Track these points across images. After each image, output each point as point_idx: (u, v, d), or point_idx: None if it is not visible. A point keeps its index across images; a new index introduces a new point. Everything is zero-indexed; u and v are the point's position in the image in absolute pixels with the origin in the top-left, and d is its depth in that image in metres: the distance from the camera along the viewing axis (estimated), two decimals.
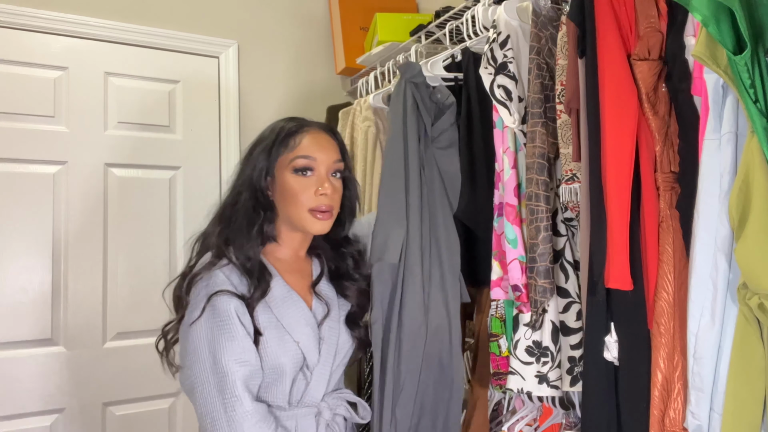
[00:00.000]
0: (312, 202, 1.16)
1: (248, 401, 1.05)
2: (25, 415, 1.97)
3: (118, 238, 2.15)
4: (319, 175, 1.18)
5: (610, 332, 1.23)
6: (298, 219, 1.17)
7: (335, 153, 1.21)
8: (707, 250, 1.01)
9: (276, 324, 1.13)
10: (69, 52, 2.13)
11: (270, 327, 1.12)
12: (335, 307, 1.23)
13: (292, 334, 1.13)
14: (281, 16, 2.55)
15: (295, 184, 1.17)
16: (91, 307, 2.09)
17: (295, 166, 1.17)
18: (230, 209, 1.19)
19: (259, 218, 1.17)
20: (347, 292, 1.27)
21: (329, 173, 1.19)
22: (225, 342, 1.07)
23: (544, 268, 1.34)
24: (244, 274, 1.13)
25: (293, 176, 1.17)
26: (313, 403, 1.17)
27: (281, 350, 1.11)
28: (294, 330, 1.14)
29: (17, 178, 2.02)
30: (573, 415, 1.51)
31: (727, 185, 0.98)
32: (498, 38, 1.48)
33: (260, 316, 1.12)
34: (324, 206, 1.16)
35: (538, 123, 1.37)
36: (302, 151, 1.18)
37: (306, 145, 1.18)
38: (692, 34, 1.10)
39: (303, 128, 1.21)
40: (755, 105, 0.92)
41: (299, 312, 1.17)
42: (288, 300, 1.17)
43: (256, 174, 1.18)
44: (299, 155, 1.17)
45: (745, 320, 0.96)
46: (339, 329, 1.21)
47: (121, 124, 2.20)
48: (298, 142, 1.19)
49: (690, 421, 1.04)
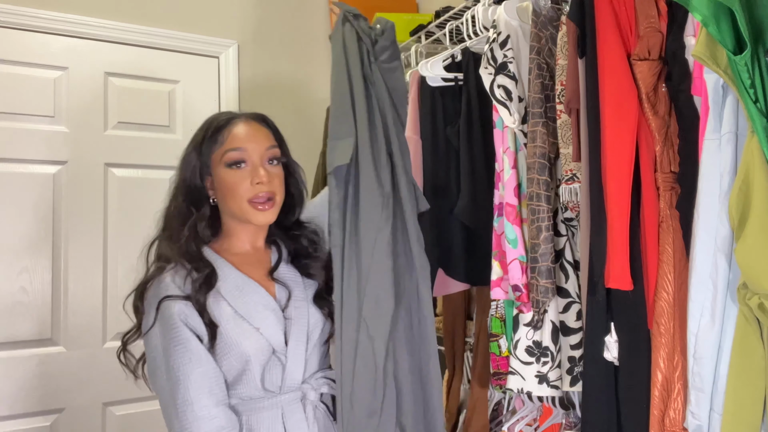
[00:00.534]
0: (249, 193, 1.15)
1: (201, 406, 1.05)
2: (25, 415, 1.97)
3: (118, 238, 2.15)
4: (253, 165, 1.17)
5: (610, 332, 1.23)
6: (240, 212, 1.17)
7: (267, 140, 1.20)
8: (707, 250, 1.01)
9: (233, 314, 1.13)
10: (69, 52, 2.13)
11: (227, 318, 1.12)
12: (299, 288, 1.22)
13: (252, 321, 1.13)
14: (281, 16, 2.55)
15: (230, 178, 1.16)
16: (91, 307, 2.09)
17: (226, 160, 1.16)
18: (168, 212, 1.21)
19: (191, 215, 1.18)
20: (311, 271, 1.26)
21: (264, 161, 1.18)
22: (173, 347, 1.08)
23: (546, 268, 1.34)
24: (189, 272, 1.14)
25: (227, 170, 1.17)
26: (294, 387, 1.17)
27: (242, 338, 1.11)
28: (253, 317, 1.14)
29: (17, 178, 2.02)
30: (573, 415, 1.51)
31: (727, 185, 0.98)
32: (498, 38, 1.48)
33: (215, 309, 1.12)
34: (262, 195, 1.16)
35: (539, 123, 1.37)
36: (232, 144, 1.17)
37: (235, 137, 1.18)
38: (692, 34, 1.10)
39: (231, 121, 1.20)
40: (755, 105, 0.92)
41: (257, 298, 1.17)
42: (244, 289, 1.16)
43: (189, 174, 1.19)
44: (229, 148, 1.17)
45: (745, 320, 0.96)
46: (307, 308, 1.21)
47: (121, 124, 2.20)
48: (227, 136, 1.18)
49: (690, 421, 1.04)
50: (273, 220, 1.20)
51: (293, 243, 1.28)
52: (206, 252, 1.19)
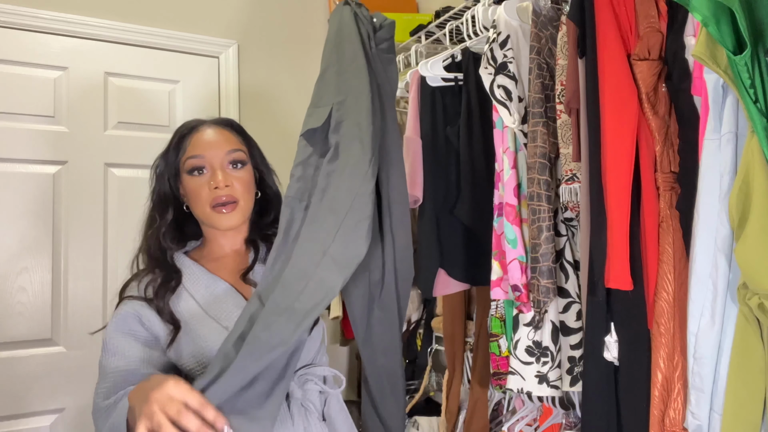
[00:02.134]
0: (210, 198, 1.17)
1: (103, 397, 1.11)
2: (25, 415, 1.97)
3: (118, 238, 2.15)
4: (213, 170, 1.18)
5: (610, 332, 1.23)
6: (205, 218, 1.19)
7: (228, 144, 1.21)
8: (707, 250, 1.01)
9: (203, 315, 1.15)
10: (69, 52, 2.13)
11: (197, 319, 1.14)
12: None
13: (220, 321, 1.14)
14: (281, 16, 2.55)
15: (192, 185, 1.18)
16: (91, 307, 2.09)
17: (187, 167, 1.19)
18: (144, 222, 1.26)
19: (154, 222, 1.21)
20: None
21: (225, 165, 1.19)
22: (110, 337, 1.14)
23: (546, 268, 1.34)
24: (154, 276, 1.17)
25: (189, 177, 1.19)
26: None
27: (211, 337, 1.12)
28: (222, 318, 1.15)
29: (17, 178, 2.02)
30: (573, 415, 1.51)
31: (727, 185, 0.98)
32: (498, 38, 1.48)
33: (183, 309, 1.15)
34: (222, 198, 1.16)
35: (539, 123, 1.37)
36: (192, 151, 1.19)
37: (195, 144, 1.19)
38: (692, 34, 1.10)
39: (194, 128, 1.22)
40: (755, 105, 0.92)
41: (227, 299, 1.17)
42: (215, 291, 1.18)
43: (158, 182, 1.22)
44: (189, 156, 1.19)
45: (745, 320, 0.96)
46: None
47: (121, 124, 2.20)
48: (188, 143, 1.20)
49: (690, 421, 1.04)
50: (237, 223, 1.20)
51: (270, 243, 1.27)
52: (179, 258, 1.21)
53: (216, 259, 1.24)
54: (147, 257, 1.20)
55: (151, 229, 1.21)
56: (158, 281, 1.16)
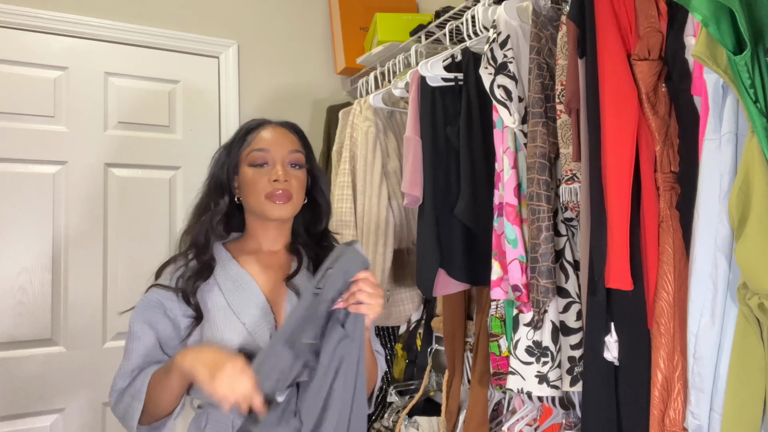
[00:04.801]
0: (267, 188, 1.22)
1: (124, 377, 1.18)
2: (25, 415, 1.97)
3: (118, 238, 2.15)
4: (273, 165, 1.24)
5: (610, 332, 1.23)
6: (258, 207, 1.23)
7: (291, 144, 1.27)
8: (707, 250, 1.01)
9: (225, 306, 1.20)
10: (69, 52, 2.13)
11: (219, 308, 1.20)
12: None
13: (240, 316, 1.19)
14: (281, 16, 2.55)
15: (252, 175, 1.24)
16: (91, 307, 2.09)
17: (251, 159, 1.24)
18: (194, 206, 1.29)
19: (208, 210, 1.25)
20: None
21: (285, 163, 1.25)
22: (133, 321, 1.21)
23: (546, 268, 1.34)
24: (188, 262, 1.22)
25: (250, 169, 1.24)
26: None
27: (227, 330, 1.17)
28: (242, 312, 1.19)
29: (17, 178, 2.02)
30: (573, 415, 1.51)
31: (727, 185, 0.98)
32: (498, 38, 1.48)
33: (209, 300, 1.20)
34: (279, 191, 1.21)
35: (539, 123, 1.37)
36: (257, 145, 1.25)
37: (261, 139, 1.26)
38: (692, 34, 1.10)
39: (261, 125, 1.29)
40: (755, 105, 0.92)
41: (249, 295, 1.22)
42: (240, 284, 1.23)
43: (218, 170, 1.27)
44: (254, 149, 1.25)
45: (745, 320, 0.96)
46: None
47: (121, 124, 2.20)
48: (254, 138, 1.26)
49: (690, 421, 1.04)
50: (287, 215, 1.24)
51: (317, 252, 1.31)
52: (217, 248, 1.26)
53: (250, 254, 1.27)
54: (192, 241, 1.24)
55: (205, 214, 1.25)
56: (194, 269, 1.21)
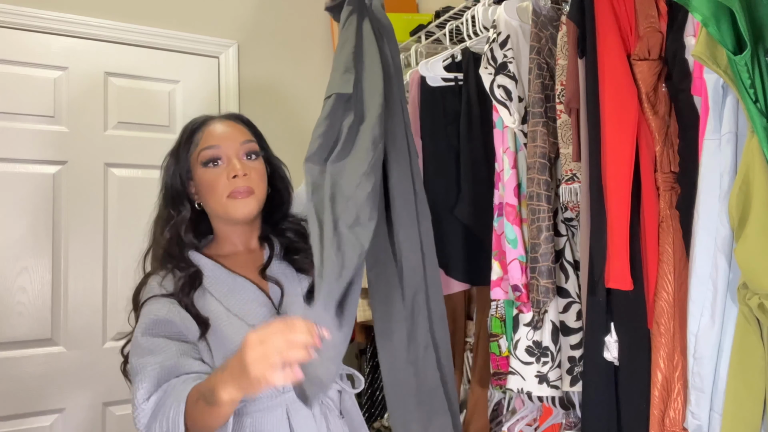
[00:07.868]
0: (228, 188, 1.16)
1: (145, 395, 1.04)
2: (25, 415, 1.96)
3: (118, 238, 2.15)
4: (229, 161, 1.18)
5: (610, 332, 1.23)
6: (222, 209, 1.17)
7: (241, 135, 1.21)
8: (707, 250, 1.01)
9: (226, 313, 1.13)
10: (69, 52, 2.12)
11: (219, 317, 1.13)
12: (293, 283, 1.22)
13: (246, 319, 1.13)
14: (281, 16, 2.55)
15: (208, 176, 1.17)
16: (91, 307, 2.09)
17: (202, 159, 1.18)
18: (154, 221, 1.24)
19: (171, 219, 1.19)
20: (303, 265, 1.25)
21: (240, 156, 1.19)
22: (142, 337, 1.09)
23: (546, 268, 1.34)
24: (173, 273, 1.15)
25: (204, 170, 1.18)
26: None
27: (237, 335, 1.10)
28: (246, 314, 1.14)
29: (17, 178, 2.02)
30: (573, 415, 1.51)
31: (727, 185, 0.98)
32: (498, 38, 1.48)
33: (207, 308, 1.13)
34: (241, 188, 1.16)
35: (539, 123, 1.37)
36: (206, 143, 1.19)
37: (208, 136, 1.19)
38: (692, 34, 1.10)
39: (204, 122, 1.22)
40: (755, 105, 0.92)
41: (249, 296, 1.17)
42: (235, 288, 1.17)
43: (170, 178, 1.21)
44: (203, 147, 1.18)
45: (745, 320, 0.96)
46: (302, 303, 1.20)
47: (121, 124, 2.20)
48: (201, 136, 1.20)
49: (690, 421, 1.04)
50: (254, 212, 1.19)
51: (283, 238, 1.27)
52: (194, 256, 1.19)
53: (229, 256, 1.22)
54: (164, 255, 1.17)
55: (168, 226, 1.18)
56: (183, 280, 1.14)
